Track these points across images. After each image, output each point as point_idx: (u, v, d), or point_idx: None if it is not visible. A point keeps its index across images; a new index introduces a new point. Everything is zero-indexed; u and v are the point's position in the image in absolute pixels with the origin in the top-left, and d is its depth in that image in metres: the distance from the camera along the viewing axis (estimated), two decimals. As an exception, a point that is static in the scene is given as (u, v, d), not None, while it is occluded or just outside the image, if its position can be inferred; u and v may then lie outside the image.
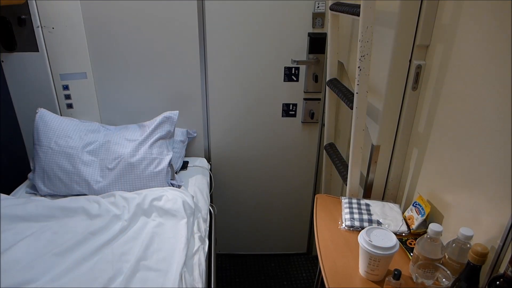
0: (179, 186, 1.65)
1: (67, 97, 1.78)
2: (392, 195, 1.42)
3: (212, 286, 1.44)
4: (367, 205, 1.31)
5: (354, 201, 1.33)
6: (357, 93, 1.22)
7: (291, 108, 1.96)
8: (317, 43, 1.81)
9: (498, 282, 0.76)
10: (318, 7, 1.75)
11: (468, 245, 0.93)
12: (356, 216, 1.25)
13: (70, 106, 1.80)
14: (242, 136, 2.03)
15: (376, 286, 1.00)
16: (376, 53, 1.23)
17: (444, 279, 0.94)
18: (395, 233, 1.10)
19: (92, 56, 1.78)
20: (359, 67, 1.18)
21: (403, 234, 1.19)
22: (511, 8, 0.83)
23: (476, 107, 0.96)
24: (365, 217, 1.24)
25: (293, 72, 1.88)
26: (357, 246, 1.02)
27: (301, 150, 2.08)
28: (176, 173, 1.76)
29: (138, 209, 1.41)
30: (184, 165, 1.87)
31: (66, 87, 1.76)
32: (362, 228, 1.12)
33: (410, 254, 1.10)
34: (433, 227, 0.96)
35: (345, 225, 1.23)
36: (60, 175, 1.53)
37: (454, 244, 0.96)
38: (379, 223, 1.21)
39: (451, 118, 1.07)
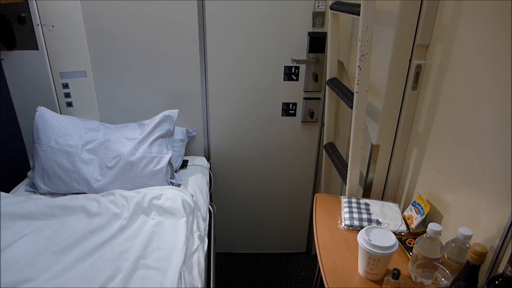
0: (178, 185, 1.65)
1: (67, 95, 1.78)
2: (392, 194, 1.42)
3: (211, 285, 1.44)
4: (367, 204, 1.31)
5: (354, 200, 1.33)
6: (357, 92, 1.22)
7: (291, 108, 1.96)
8: (317, 43, 1.80)
9: (497, 282, 0.77)
10: (318, 6, 1.74)
11: (467, 245, 0.93)
12: (355, 215, 1.25)
13: (69, 104, 1.80)
14: (242, 135, 2.02)
15: (375, 286, 1.00)
16: (376, 53, 1.23)
17: (443, 279, 0.94)
18: (394, 233, 1.10)
19: (92, 54, 1.78)
20: (359, 66, 1.18)
21: (402, 234, 1.19)
22: (511, 8, 0.83)
23: (476, 107, 0.96)
24: (365, 216, 1.24)
25: (293, 71, 1.88)
26: (356, 246, 1.02)
27: (301, 149, 2.08)
28: (175, 172, 1.76)
29: (138, 208, 1.41)
30: (184, 164, 1.87)
31: (65, 86, 1.76)
32: (362, 227, 1.13)
33: (409, 253, 1.10)
34: (432, 226, 0.97)
35: (345, 225, 1.23)
36: (60, 174, 1.53)
37: (453, 244, 0.96)
38: (378, 222, 1.22)
39: (451, 117, 1.07)
